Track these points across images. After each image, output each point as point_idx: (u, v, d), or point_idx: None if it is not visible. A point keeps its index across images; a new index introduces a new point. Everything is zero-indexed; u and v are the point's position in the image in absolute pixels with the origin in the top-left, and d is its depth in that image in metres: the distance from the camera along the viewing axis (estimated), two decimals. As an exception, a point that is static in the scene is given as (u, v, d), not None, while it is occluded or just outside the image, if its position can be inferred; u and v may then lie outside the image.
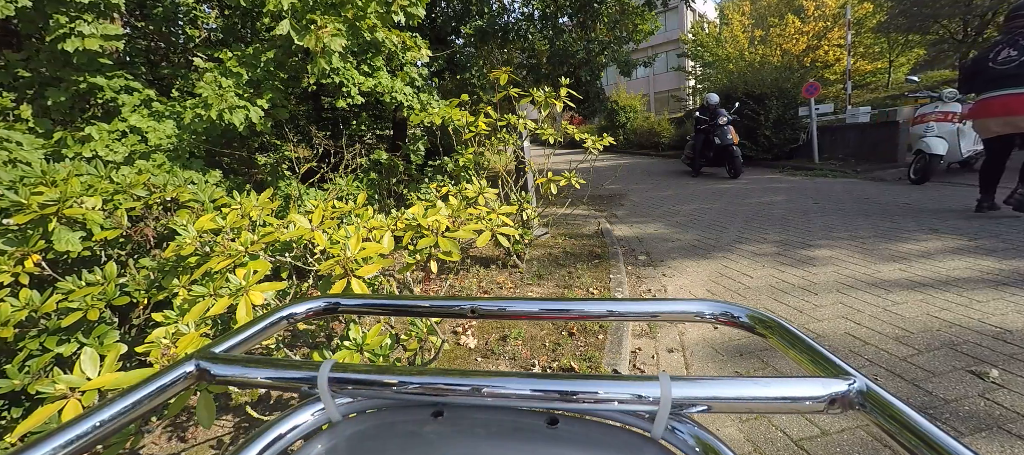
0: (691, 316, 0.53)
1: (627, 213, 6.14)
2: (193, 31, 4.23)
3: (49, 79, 2.65)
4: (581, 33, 8.11)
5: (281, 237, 1.54)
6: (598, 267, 3.70)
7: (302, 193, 3.45)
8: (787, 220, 4.86)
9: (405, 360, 1.96)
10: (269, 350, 1.72)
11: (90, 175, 2.04)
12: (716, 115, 8.23)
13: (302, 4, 2.77)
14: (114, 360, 1.06)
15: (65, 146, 2.42)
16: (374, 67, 3.52)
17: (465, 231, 1.58)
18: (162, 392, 0.43)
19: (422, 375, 0.42)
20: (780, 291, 2.98)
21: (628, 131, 17.48)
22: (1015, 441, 1.53)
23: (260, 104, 2.84)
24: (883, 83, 17.06)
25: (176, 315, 1.36)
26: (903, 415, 0.34)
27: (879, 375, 1.97)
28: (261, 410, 1.93)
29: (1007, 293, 2.60)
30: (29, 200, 1.59)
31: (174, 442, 1.81)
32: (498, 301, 0.57)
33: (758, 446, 1.63)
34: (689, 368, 2.21)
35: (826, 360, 0.42)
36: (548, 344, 2.43)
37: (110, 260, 1.72)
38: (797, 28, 15.95)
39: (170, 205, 2.03)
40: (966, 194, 5.25)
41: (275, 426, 0.43)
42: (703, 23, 20.60)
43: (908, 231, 4.00)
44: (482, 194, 2.18)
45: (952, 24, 11.48)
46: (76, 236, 1.67)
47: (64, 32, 2.34)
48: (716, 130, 8.19)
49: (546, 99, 3.49)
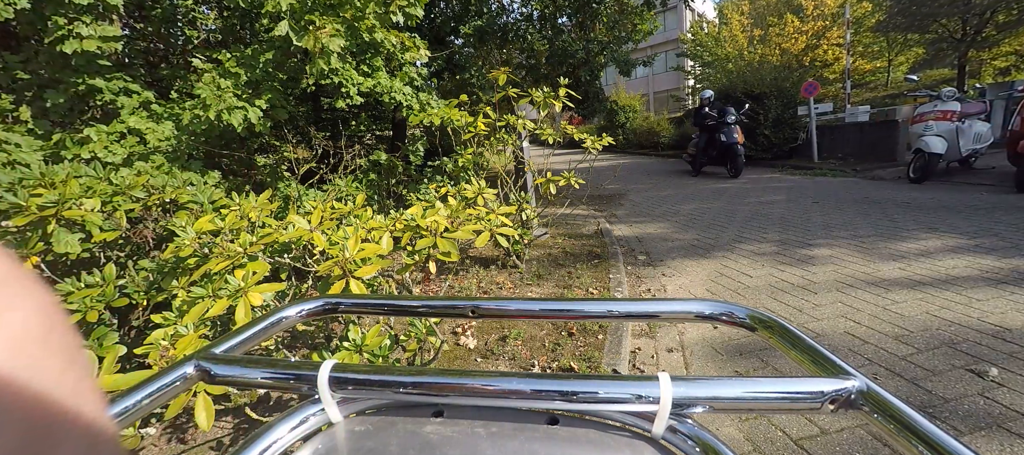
0: (691, 316, 0.53)
1: (627, 213, 6.14)
2: (192, 32, 4.22)
3: (48, 81, 2.64)
4: (580, 33, 8.11)
5: (280, 238, 1.54)
6: (598, 267, 3.70)
7: (301, 194, 3.45)
8: (786, 219, 4.87)
9: (405, 360, 1.96)
10: (268, 351, 1.72)
11: (89, 177, 2.04)
12: (724, 113, 8.25)
13: (301, 5, 2.76)
14: (113, 362, 1.06)
15: (64, 148, 2.41)
16: (373, 67, 3.52)
17: (464, 231, 1.58)
18: (162, 393, 0.43)
19: (422, 375, 0.42)
20: (780, 290, 2.98)
21: (627, 131, 17.50)
22: (1015, 440, 1.53)
23: (259, 105, 2.83)
24: (882, 82, 17.11)
25: (175, 316, 1.36)
26: (903, 414, 0.34)
27: (879, 374, 1.97)
28: (261, 411, 1.92)
29: (1006, 292, 2.60)
30: (28, 202, 1.58)
31: (174, 443, 1.81)
32: (498, 301, 0.57)
33: (758, 446, 1.63)
34: (689, 368, 2.21)
35: (826, 360, 0.42)
36: (548, 344, 2.43)
37: (109, 262, 1.72)
38: (796, 27, 15.97)
39: (169, 206, 2.03)
40: (966, 193, 5.26)
41: (275, 427, 0.43)
42: (702, 23, 20.62)
43: (907, 230, 4.01)
44: (481, 194, 2.18)
45: (951, 23, 11.49)
46: (75, 238, 1.67)
47: (63, 34, 2.34)
48: (723, 128, 8.21)
49: (545, 99, 3.49)
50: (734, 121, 8.16)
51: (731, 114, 8.20)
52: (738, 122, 8.26)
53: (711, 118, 8.44)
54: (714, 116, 8.38)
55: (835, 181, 7.15)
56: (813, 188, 6.65)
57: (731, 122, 8.15)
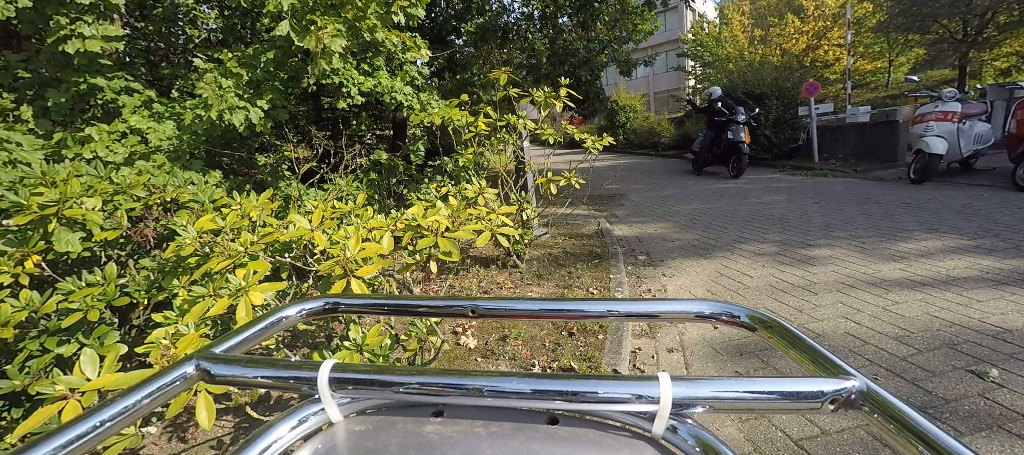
0: (691, 316, 0.53)
1: (627, 213, 6.14)
2: (193, 31, 4.23)
3: (49, 80, 2.65)
4: (581, 33, 8.11)
5: (281, 237, 1.54)
6: (598, 267, 3.70)
7: (302, 193, 3.45)
8: (787, 220, 4.86)
9: (405, 360, 1.96)
10: (269, 350, 1.72)
11: (90, 176, 2.04)
12: (735, 111, 8.24)
13: (302, 5, 2.76)
14: (114, 361, 1.06)
15: (65, 147, 2.42)
16: (374, 67, 3.52)
17: (465, 231, 1.58)
18: (162, 392, 0.43)
19: (422, 375, 0.42)
20: (780, 291, 2.98)
21: (628, 131, 17.48)
22: (1015, 440, 1.53)
23: (260, 105, 2.84)
24: (883, 82, 17.09)
25: (176, 315, 1.36)
26: (903, 415, 0.34)
27: (879, 375, 1.97)
28: (261, 410, 1.92)
29: (1007, 292, 2.60)
30: (29, 201, 1.58)
31: (174, 442, 1.81)
32: (498, 301, 0.57)
33: (758, 446, 1.63)
34: (689, 368, 2.21)
35: (826, 360, 0.42)
36: (548, 344, 2.43)
37: (110, 261, 1.72)
38: (797, 28, 15.96)
39: (170, 206, 2.03)
40: (966, 193, 5.26)
41: (275, 426, 0.43)
42: (703, 23, 20.59)
43: (908, 230, 4.00)
44: (482, 194, 2.18)
45: (952, 24, 11.47)
46: (76, 237, 1.67)
47: (65, 33, 2.34)
48: (731, 126, 8.20)
49: (546, 99, 3.49)
50: (744, 121, 8.16)
51: (742, 113, 8.20)
52: (747, 123, 8.26)
53: (722, 114, 8.42)
54: (725, 113, 8.37)
55: (836, 181, 7.14)
56: (814, 188, 6.64)
57: (741, 121, 8.15)
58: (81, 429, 0.37)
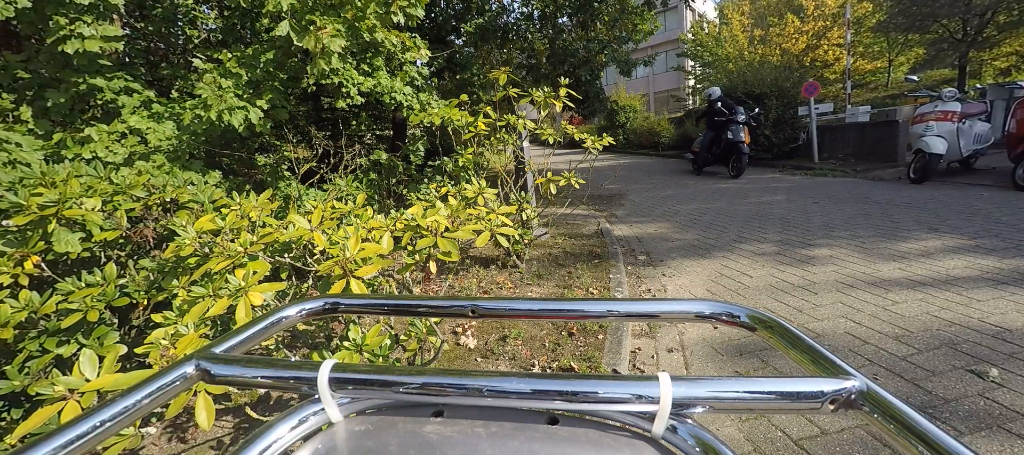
0: (691, 316, 0.53)
1: (627, 213, 6.14)
2: (192, 32, 4.22)
3: (49, 80, 2.64)
4: (581, 33, 8.11)
5: (280, 238, 1.54)
6: (598, 267, 3.70)
7: (302, 193, 3.45)
8: (787, 220, 4.86)
9: (405, 360, 1.96)
10: (269, 350, 1.72)
11: (90, 176, 2.04)
12: (735, 111, 8.25)
13: (302, 5, 2.76)
14: (113, 361, 1.06)
15: (65, 147, 2.41)
16: (374, 67, 3.52)
17: (464, 231, 1.58)
18: (162, 392, 0.43)
19: (422, 375, 0.42)
20: (780, 291, 2.98)
21: (628, 131, 17.49)
22: (1015, 440, 1.53)
23: (259, 105, 2.84)
24: (883, 82, 17.09)
25: (175, 316, 1.36)
26: (903, 415, 0.34)
27: (879, 374, 1.97)
28: (261, 410, 1.92)
29: (1007, 292, 2.60)
30: (29, 201, 1.58)
31: (174, 442, 1.81)
32: (498, 301, 0.57)
33: (758, 446, 1.63)
34: (689, 368, 2.21)
35: (826, 360, 0.42)
36: (548, 344, 2.43)
37: (110, 261, 1.72)
38: (797, 27, 15.96)
39: (170, 206, 2.03)
40: (966, 193, 5.26)
41: (275, 427, 0.43)
42: (703, 23, 20.61)
43: (908, 230, 4.01)
44: (481, 194, 2.18)
45: (951, 23, 11.47)
46: (76, 237, 1.67)
47: (64, 34, 2.34)
48: (731, 126, 8.21)
49: (545, 99, 3.49)
50: (743, 121, 8.17)
51: (741, 113, 8.20)
52: (747, 123, 8.27)
53: (722, 114, 8.43)
54: (725, 112, 8.38)
55: (835, 181, 7.15)
56: (813, 188, 6.65)
57: (741, 121, 8.16)
58: (81, 429, 0.37)
